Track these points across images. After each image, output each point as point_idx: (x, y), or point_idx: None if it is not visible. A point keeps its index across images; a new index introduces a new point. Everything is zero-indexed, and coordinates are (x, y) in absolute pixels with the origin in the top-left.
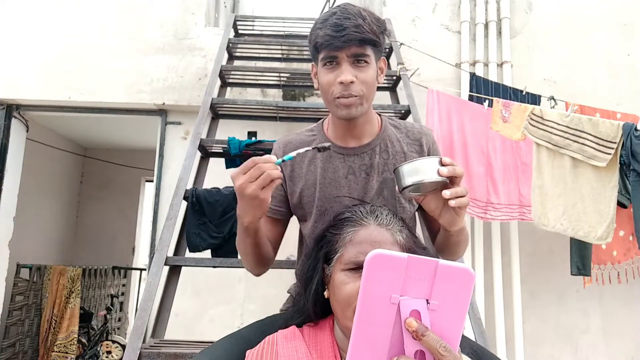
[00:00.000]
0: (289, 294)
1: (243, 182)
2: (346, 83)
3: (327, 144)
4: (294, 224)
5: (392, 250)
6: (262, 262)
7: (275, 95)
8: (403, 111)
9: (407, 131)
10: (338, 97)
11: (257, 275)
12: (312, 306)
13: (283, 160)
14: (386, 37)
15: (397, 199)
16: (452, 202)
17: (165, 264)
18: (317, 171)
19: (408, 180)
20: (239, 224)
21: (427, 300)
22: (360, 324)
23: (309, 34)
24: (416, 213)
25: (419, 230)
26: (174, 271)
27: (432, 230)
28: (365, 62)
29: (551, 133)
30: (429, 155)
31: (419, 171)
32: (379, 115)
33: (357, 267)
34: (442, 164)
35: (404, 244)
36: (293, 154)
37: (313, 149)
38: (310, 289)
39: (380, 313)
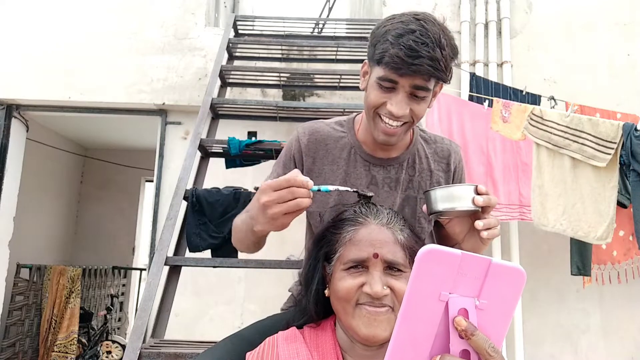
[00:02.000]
0: (290, 293)
1: (269, 200)
2: (396, 115)
3: (370, 194)
4: (293, 225)
5: (441, 246)
6: (255, 250)
7: (275, 95)
8: None
9: (437, 147)
10: (381, 117)
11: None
12: (313, 306)
13: (319, 190)
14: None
15: (417, 218)
16: (484, 234)
17: (165, 264)
18: (339, 172)
19: (440, 206)
20: (246, 221)
21: (475, 299)
22: (404, 319)
23: (374, 34)
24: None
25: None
26: (174, 271)
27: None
28: (424, 95)
29: (551, 133)
30: (454, 174)
31: (454, 198)
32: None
33: (356, 265)
34: (477, 192)
35: (405, 243)
36: (332, 188)
37: (354, 191)
38: (311, 289)
39: (427, 309)
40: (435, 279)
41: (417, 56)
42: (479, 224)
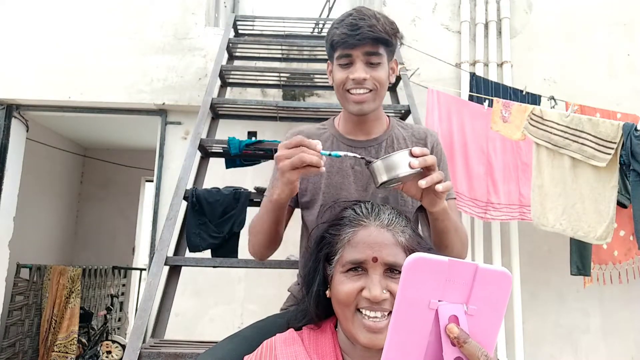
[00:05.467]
0: (289, 293)
1: (281, 155)
2: (359, 80)
3: (374, 160)
4: (293, 224)
5: (430, 254)
6: (274, 243)
7: (275, 95)
8: (403, 111)
9: (413, 131)
10: (349, 92)
11: (262, 258)
12: (314, 307)
13: (329, 154)
14: (398, 40)
15: (401, 194)
16: (439, 187)
17: (165, 264)
18: (324, 158)
19: (383, 177)
20: (265, 201)
21: (464, 305)
22: (395, 330)
23: (326, 34)
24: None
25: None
26: (174, 271)
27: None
28: (378, 61)
29: (551, 133)
30: (431, 153)
31: (392, 167)
32: (388, 116)
33: (355, 268)
34: (412, 155)
35: (406, 245)
36: (341, 153)
37: (361, 158)
38: (312, 290)
39: (418, 319)
40: (423, 287)
41: (357, 28)
42: (421, 183)
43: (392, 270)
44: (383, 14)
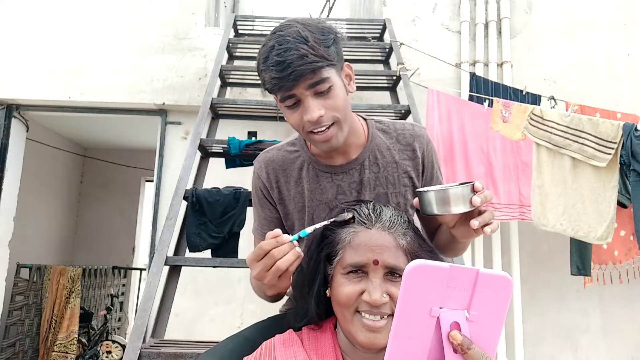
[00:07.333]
0: (287, 297)
1: (258, 273)
2: (314, 120)
3: (347, 216)
4: None
5: (431, 260)
6: (280, 299)
7: None
8: (403, 111)
9: (398, 135)
10: (311, 132)
11: None
12: (314, 307)
13: (299, 237)
14: (339, 44)
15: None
16: (487, 230)
17: (165, 264)
18: (304, 193)
19: (437, 210)
20: (259, 284)
21: (465, 311)
22: (397, 338)
23: (257, 70)
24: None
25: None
26: (174, 271)
27: (428, 229)
28: (328, 85)
29: (551, 133)
30: (423, 161)
31: (451, 202)
32: (365, 119)
33: (356, 270)
34: (473, 190)
35: (407, 248)
36: (309, 229)
37: (332, 222)
38: (313, 290)
39: (419, 326)
40: (424, 294)
41: (286, 66)
42: (474, 223)
43: (393, 273)
44: (310, 24)
